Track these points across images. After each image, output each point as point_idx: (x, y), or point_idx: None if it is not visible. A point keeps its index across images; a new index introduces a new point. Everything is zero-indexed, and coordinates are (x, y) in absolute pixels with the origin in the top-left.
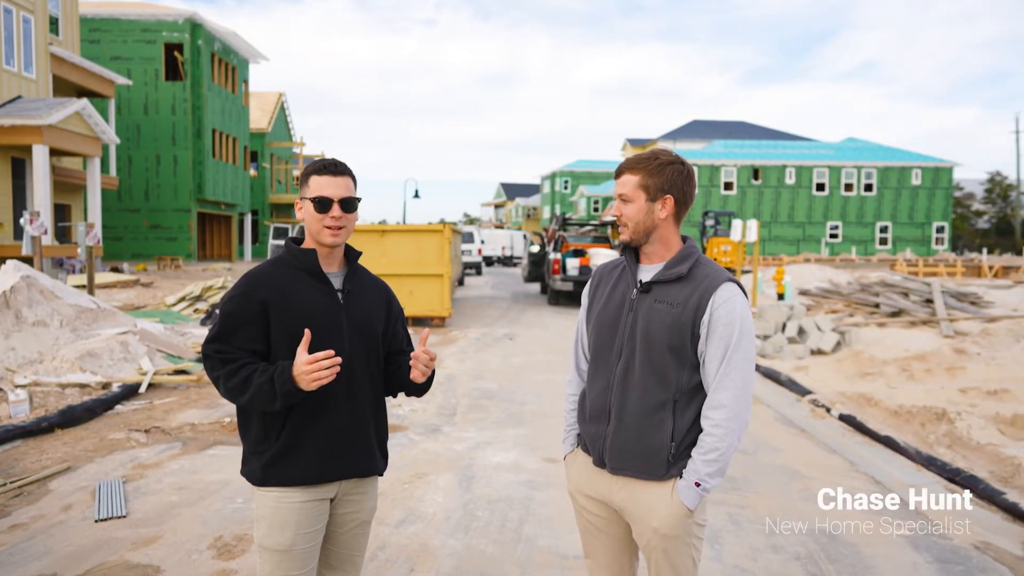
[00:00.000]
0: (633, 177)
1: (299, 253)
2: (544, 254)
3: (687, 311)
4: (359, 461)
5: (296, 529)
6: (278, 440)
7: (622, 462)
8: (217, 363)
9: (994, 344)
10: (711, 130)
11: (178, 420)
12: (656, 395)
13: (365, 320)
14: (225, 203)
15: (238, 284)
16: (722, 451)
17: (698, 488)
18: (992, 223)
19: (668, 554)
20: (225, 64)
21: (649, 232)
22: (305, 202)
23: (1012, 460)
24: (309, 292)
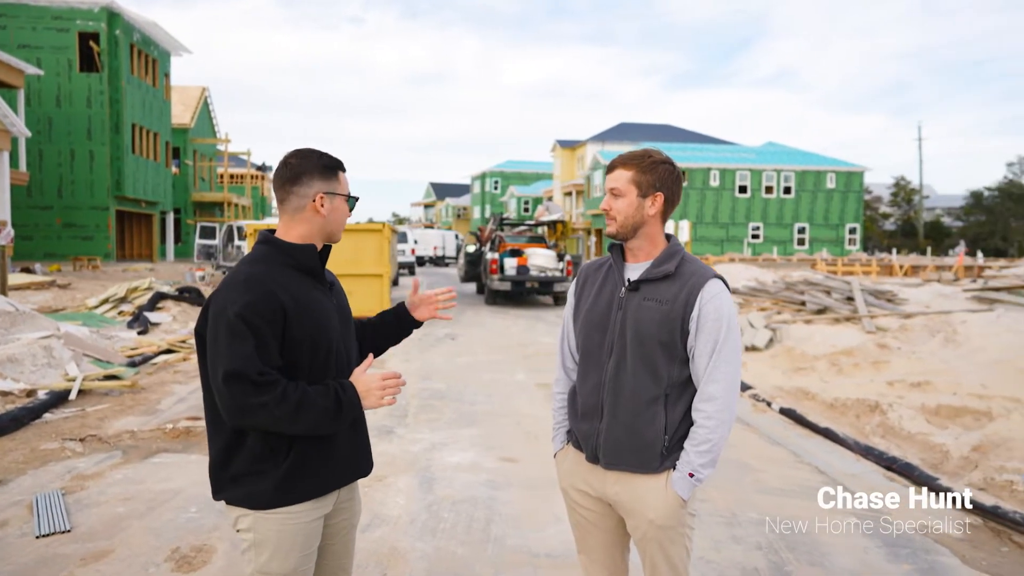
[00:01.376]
0: (626, 172)
1: (298, 250)
2: (481, 254)
3: (676, 308)
4: (363, 462)
5: (302, 551)
6: (288, 457)
7: (617, 457)
8: (257, 388)
9: (912, 339)
10: (638, 132)
11: (115, 428)
12: (649, 390)
13: (346, 311)
14: (146, 201)
15: (248, 289)
16: (714, 442)
17: (692, 479)
18: (898, 225)
19: (663, 545)
20: (145, 56)
21: (637, 228)
22: (335, 198)
23: (940, 447)
24: (313, 293)
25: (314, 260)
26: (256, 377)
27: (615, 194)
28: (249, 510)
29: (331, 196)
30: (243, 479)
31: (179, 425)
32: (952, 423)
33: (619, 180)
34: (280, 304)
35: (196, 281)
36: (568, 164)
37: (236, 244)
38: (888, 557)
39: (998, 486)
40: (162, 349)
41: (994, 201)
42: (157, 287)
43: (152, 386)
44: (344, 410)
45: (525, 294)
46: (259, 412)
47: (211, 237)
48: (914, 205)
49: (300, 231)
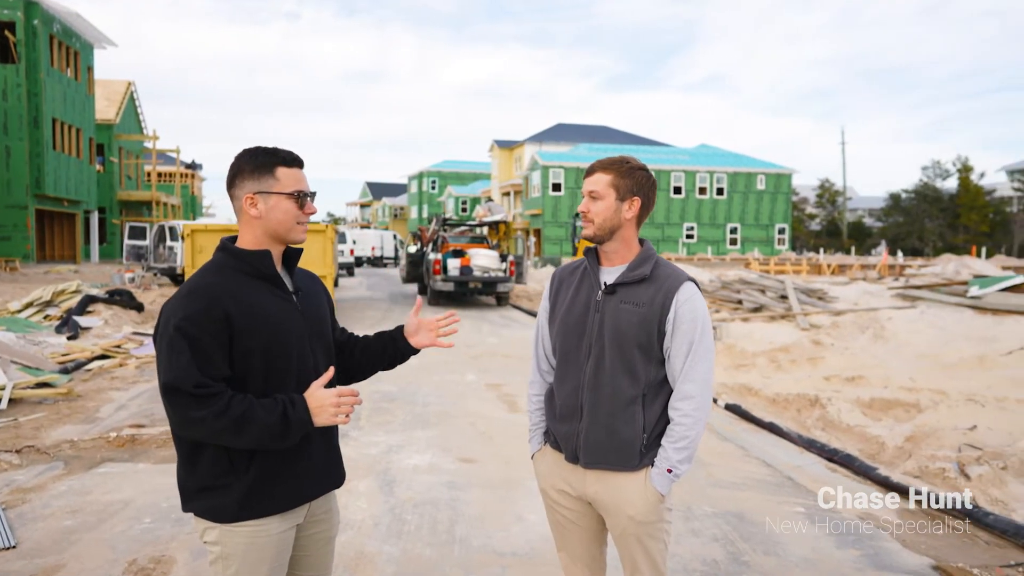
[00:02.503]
0: (605, 176)
1: (251, 256)
2: (423, 254)
3: (653, 310)
4: (334, 473)
5: (271, 563)
6: (249, 470)
7: (596, 456)
8: (193, 401)
9: (844, 335)
10: (575, 133)
11: (53, 437)
12: (627, 391)
13: (319, 320)
14: (68, 199)
15: (190, 299)
16: (691, 438)
17: (670, 475)
18: (823, 225)
19: (642, 540)
20: (66, 48)
21: (614, 230)
22: (270, 197)
23: (877, 439)
24: (269, 299)
25: (267, 265)
26: (193, 390)
27: (594, 197)
28: (215, 523)
29: (264, 195)
30: (207, 492)
31: (123, 433)
32: (885, 415)
33: (598, 183)
34: (224, 314)
35: (126, 283)
36: (506, 164)
37: (168, 245)
38: (837, 544)
39: (931, 474)
40: (96, 354)
41: (911, 203)
42: (85, 290)
43: (89, 393)
44: (292, 427)
45: (468, 295)
46: (198, 425)
47: (141, 238)
48: (838, 206)
49: (248, 236)
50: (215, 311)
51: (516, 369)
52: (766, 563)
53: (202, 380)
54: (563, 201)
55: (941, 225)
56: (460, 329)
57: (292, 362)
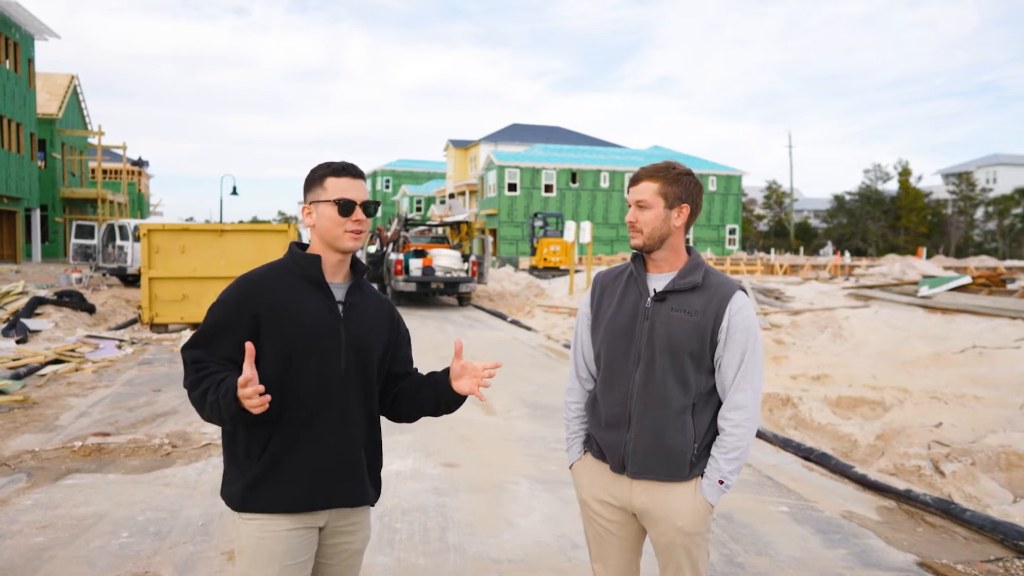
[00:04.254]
0: (652, 184)
1: (303, 259)
2: (383, 254)
3: (706, 319)
4: (346, 490)
5: (283, 560)
6: (259, 460)
7: (644, 466)
8: (190, 371)
9: (804, 334)
10: (530, 134)
11: (12, 448)
12: (679, 400)
13: (365, 338)
14: (8, 196)
15: (232, 287)
16: (742, 449)
17: (721, 485)
18: (771, 226)
19: (689, 551)
20: (5, 38)
21: (663, 239)
22: (319, 205)
23: (848, 437)
24: (308, 302)
25: (315, 269)
26: (188, 362)
27: (642, 206)
28: (232, 510)
29: (315, 204)
30: (228, 477)
31: (88, 442)
32: (853, 413)
33: (646, 192)
34: (253, 310)
35: (73, 284)
36: (461, 164)
37: (118, 244)
38: (824, 543)
39: (907, 471)
40: (49, 359)
41: (854, 204)
42: (33, 291)
43: (45, 400)
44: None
45: (430, 295)
46: (188, 391)
47: (89, 236)
48: (785, 207)
49: (312, 244)
50: (246, 305)
51: None
52: (759, 564)
53: (198, 355)
54: (519, 201)
55: (883, 226)
56: (424, 330)
57: (311, 366)
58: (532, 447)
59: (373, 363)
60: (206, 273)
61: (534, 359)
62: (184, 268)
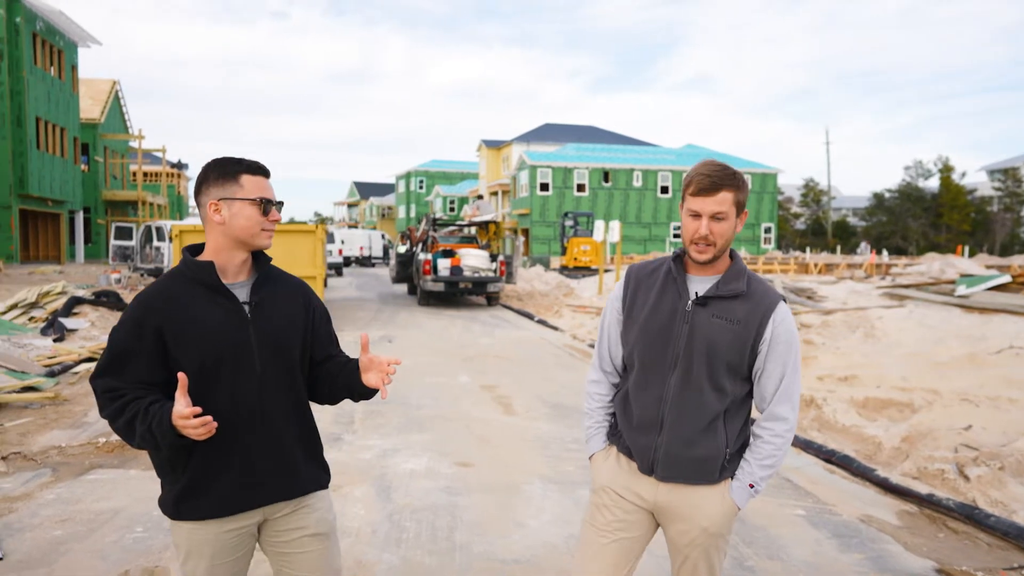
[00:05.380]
0: (729, 195)
1: (195, 266)
2: (412, 254)
3: (749, 330)
4: (277, 487)
5: (212, 560)
6: (185, 473)
7: (675, 471)
8: (105, 401)
9: (834, 334)
10: (562, 133)
11: (40, 443)
12: (714, 406)
13: (278, 333)
14: (52, 199)
15: (129, 308)
16: (778, 458)
17: (751, 489)
18: (808, 224)
19: (708, 552)
20: (50, 46)
21: (728, 246)
22: (234, 203)
23: (873, 439)
24: (209, 309)
25: (210, 276)
26: (100, 392)
27: (720, 218)
28: None
29: (228, 201)
30: (162, 486)
31: (112, 439)
32: (879, 415)
33: (724, 203)
34: (154, 326)
35: (112, 284)
36: (494, 164)
37: (155, 245)
38: (840, 547)
39: (930, 475)
40: (83, 357)
41: (894, 202)
42: (72, 291)
43: (76, 397)
44: (160, 441)
45: (458, 295)
46: (109, 422)
47: (127, 238)
48: (822, 206)
49: (212, 242)
50: (146, 322)
51: (510, 371)
52: (770, 568)
53: (110, 384)
54: (551, 201)
55: (924, 224)
56: (451, 330)
57: (224, 373)
58: (550, 448)
59: (294, 355)
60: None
61: (558, 359)
62: None
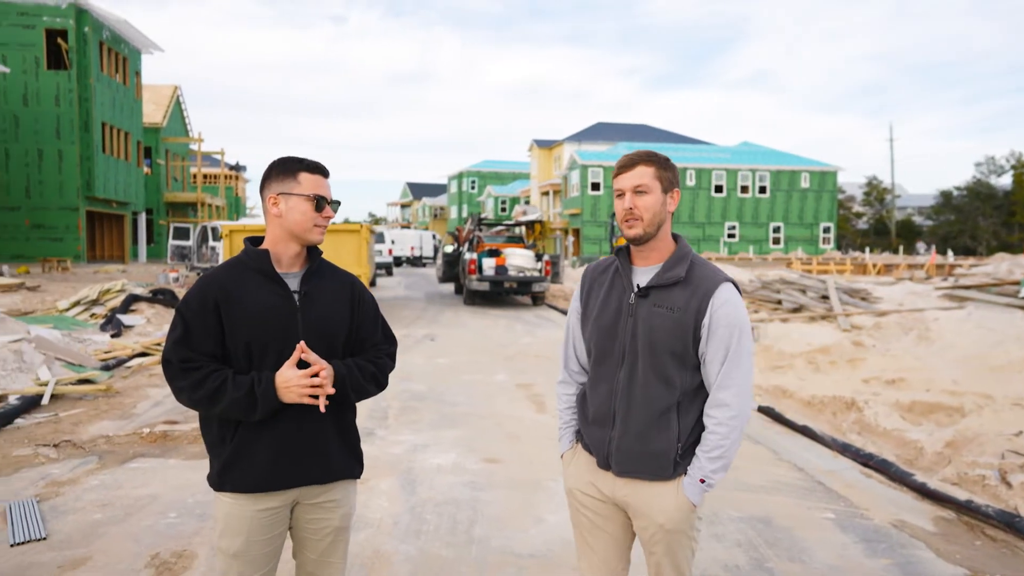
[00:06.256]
0: (648, 168)
1: (253, 254)
2: (459, 254)
3: (688, 315)
4: (314, 468)
5: (249, 535)
6: (231, 444)
7: (628, 465)
8: (179, 372)
9: (886, 337)
10: (615, 132)
11: (90, 432)
12: (662, 399)
13: (323, 322)
14: (117, 201)
15: (193, 286)
16: (726, 448)
17: (703, 484)
18: (870, 224)
19: (670, 548)
20: (115, 54)
21: (660, 225)
22: (291, 198)
23: (915, 444)
24: (261, 294)
25: (265, 263)
26: (178, 363)
27: (641, 191)
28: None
29: (286, 196)
30: (211, 460)
31: (156, 429)
32: (925, 419)
33: (644, 176)
34: (212, 299)
35: (170, 283)
36: (545, 164)
37: (211, 245)
38: (866, 552)
39: (971, 481)
40: (136, 352)
41: (963, 200)
42: (130, 289)
43: (127, 390)
44: (258, 401)
45: (504, 294)
46: (181, 394)
47: (185, 238)
48: (886, 204)
49: (270, 233)
50: (206, 296)
51: (548, 370)
52: (790, 570)
53: (188, 355)
54: (602, 200)
55: (995, 223)
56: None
57: (272, 356)
58: None
59: (337, 345)
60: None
61: None
62: None
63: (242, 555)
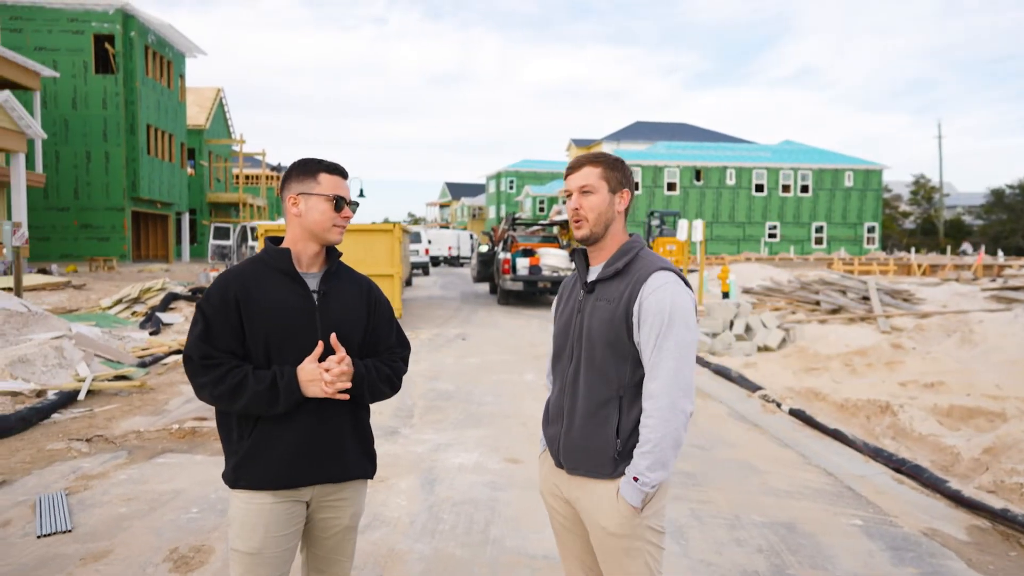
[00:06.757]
0: (595, 169)
1: (274, 252)
2: (493, 254)
3: (620, 305)
4: (331, 466)
5: (266, 532)
6: (248, 440)
7: (575, 461)
8: (200, 368)
9: (927, 339)
10: (654, 131)
11: (122, 428)
12: (599, 393)
13: (341, 322)
14: (161, 202)
15: (214, 283)
16: (655, 442)
17: (637, 484)
18: (917, 223)
19: (618, 557)
20: (160, 57)
21: (608, 225)
22: (311, 198)
23: (951, 449)
24: (280, 292)
25: (286, 262)
26: (199, 360)
27: (586, 191)
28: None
29: (306, 196)
30: (227, 458)
31: (185, 425)
32: (964, 425)
33: (589, 177)
34: (233, 295)
35: (210, 282)
36: None
37: (250, 244)
38: (893, 561)
39: (1008, 488)
40: (172, 349)
41: (1015, 199)
42: (170, 288)
43: (161, 386)
44: (281, 394)
45: (537, 294)
46: (203, 390)
47: (225, 238)
48: (934, 203)
49: (290, 233)
50: (226, 292)
51: None
52: None
53: (208, 351)
54: (640, 200)
55: None
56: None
57: (290, 353)
58: None
59: (353, 345)
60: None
61: None
62: None
63: (257, 555)
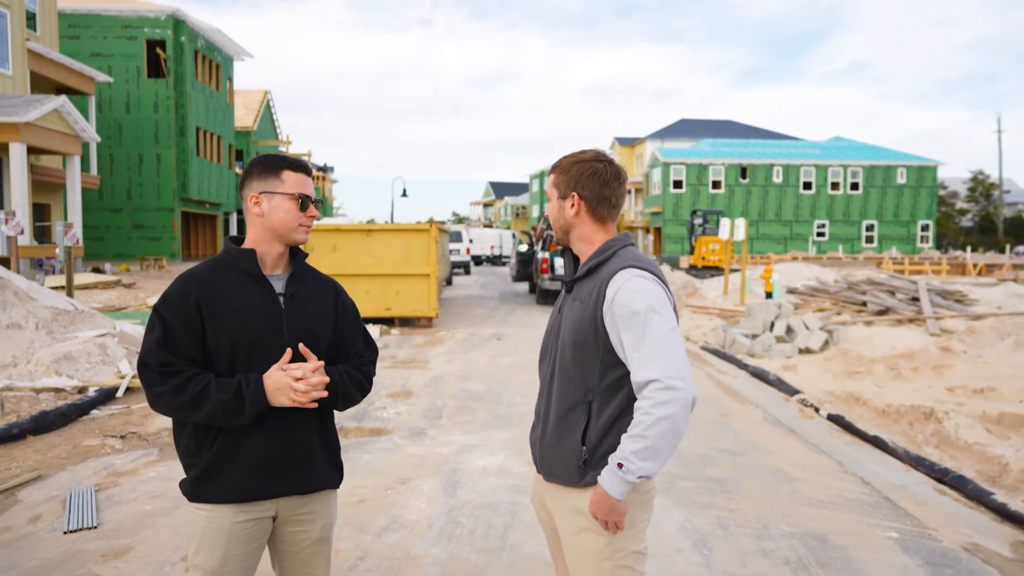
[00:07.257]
0: (551, 176)
1: (237, 253)
2: (532, 253)
3: (590, 305)
4: (296, 479)
5: (227, 549)
6: (208, 453)
7: (548, 467)
8: (157, 377)
9: (980, 342)
10: (699, 129)
11: (156, 425)
12: (568, 396)
13: (309, 325)
14: (210, 202)
15: (172, 284)
16: (647, 425)
17: (620, 471)
18: (975, 221)
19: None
20: (209, 61)
21: (567, 230)
22: (274, 196)
23: (999, 459)
24: (246, 294)
25: (251, 263)
26: (157, 367)
27: (548, 198)
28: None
29: (269, 195)
30: (185, 469)
31: None
32: (1015, 433)
33: (548, 184)
34: (194, 298)
35: None
36: (627, 162)
37: None
38: None
39: None
40: None
41: None
42: None
43: None
44: (247, 404)
45: None
46: (160, 400)
47: None
48: (993, 200)
49: (251, 233)
50: (186, 296)
51: None
52: None
53: (166, 358)
54: (684, 199)
55: None
56: None
57: (256, 357)
58: None
59: (321, 350)
60: (355, 271)
61: None
62: (335, 265)
63: (220, 570)
